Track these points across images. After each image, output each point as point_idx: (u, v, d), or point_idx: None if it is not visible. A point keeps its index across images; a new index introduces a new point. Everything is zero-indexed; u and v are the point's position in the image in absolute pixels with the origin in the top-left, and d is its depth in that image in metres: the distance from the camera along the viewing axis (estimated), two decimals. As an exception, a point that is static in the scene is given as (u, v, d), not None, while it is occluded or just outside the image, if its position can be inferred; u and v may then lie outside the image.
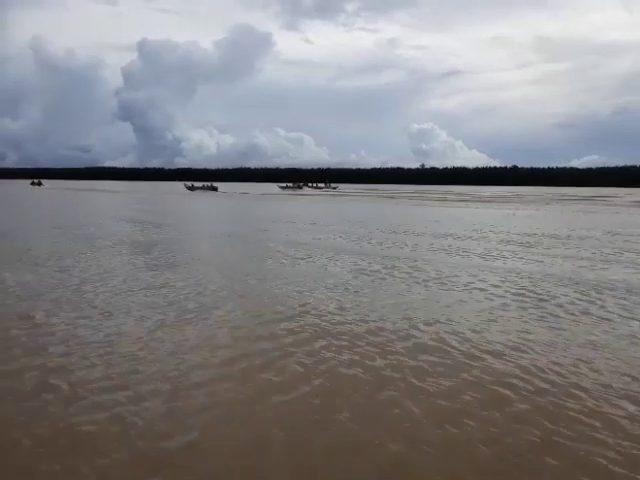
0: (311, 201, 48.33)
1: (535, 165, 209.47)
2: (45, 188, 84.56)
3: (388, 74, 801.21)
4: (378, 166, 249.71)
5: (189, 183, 79.79)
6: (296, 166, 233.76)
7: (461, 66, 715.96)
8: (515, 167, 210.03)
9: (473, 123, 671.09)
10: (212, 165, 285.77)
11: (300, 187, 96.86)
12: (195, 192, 70.19)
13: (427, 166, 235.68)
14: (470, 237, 17.01)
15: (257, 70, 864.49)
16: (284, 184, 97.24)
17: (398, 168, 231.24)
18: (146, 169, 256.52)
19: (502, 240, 16.17)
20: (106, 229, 18.27)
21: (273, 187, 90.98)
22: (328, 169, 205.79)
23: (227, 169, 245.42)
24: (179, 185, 78.48)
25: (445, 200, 51.31)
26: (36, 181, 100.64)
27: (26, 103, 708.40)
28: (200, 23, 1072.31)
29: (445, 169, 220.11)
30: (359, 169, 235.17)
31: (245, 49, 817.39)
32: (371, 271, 10.49)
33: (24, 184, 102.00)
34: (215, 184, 79.70)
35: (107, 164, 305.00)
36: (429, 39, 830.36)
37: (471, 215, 29.72)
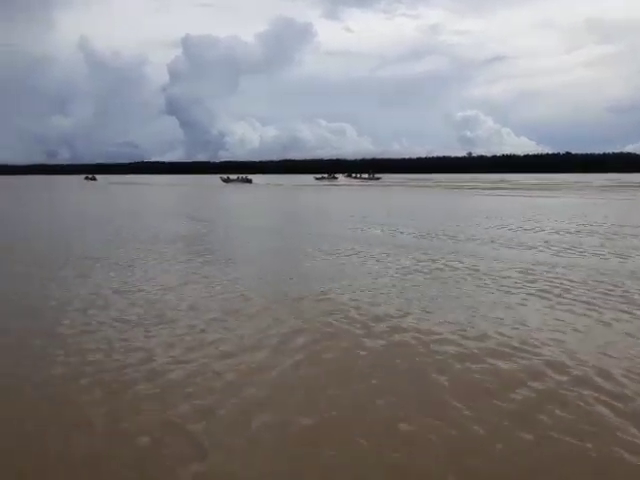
0: (354, 191, 47.07)
1: (587, 151, 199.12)
2: (99, 183, 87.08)
3: (430, 61, 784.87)
4: (422, 155, 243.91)
5: (225, 176, 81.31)
6: (339, 157, 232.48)
7: (506, 51, 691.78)
8: (568, 153, 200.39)
9: (520, 109, 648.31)
10: (255, 158, 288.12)
11: (335, 178, 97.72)
12: (230, 184, 71.54)
13: (474, 154, 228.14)
14: (595, 233, 14.40)
15: (298, 61, 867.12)
16: (320, 175, 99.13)
17: (444, 157, 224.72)
18: (193, 163, 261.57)
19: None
20: (162, 227, 17.75)
21: (309, 178, 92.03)
22: (373, 159, 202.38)
23: (271, 161, 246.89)
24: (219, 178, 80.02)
25: (504, 189, 48.63)
26: (90, 176, 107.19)
27: (76, 101, 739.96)
28: (241, 16, 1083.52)
29: (494, 157, 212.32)
30: (404, 159, 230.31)
31: (286, 40, 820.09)
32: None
33: (79, 179, 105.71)
34: (249, 176, 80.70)
35: (154, 159, 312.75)
36: (472, 24, 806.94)
37: (554, 205, 27.15)
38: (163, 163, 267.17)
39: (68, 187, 69.26)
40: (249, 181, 76.18)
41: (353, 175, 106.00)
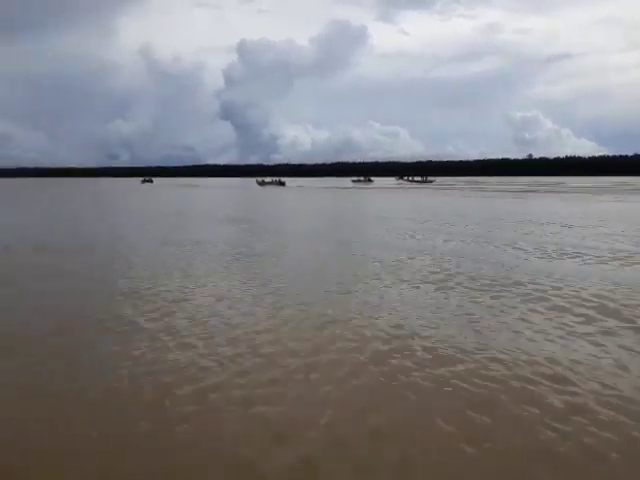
0: (411, 194, 45.89)
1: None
2: (156, 185, 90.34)
3: (487, 61, 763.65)
4: (476, 157, 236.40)
5: (260, 179, 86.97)
6: (392, 159, 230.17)
7: (567, 49, 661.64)
8: (637, 155, 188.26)
9: (581, 110, 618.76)
10: (307, 160, 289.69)
11: (370, 181, 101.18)
12: (265, 187, 76.16)
13: (535, 156, 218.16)
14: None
15: (352, 64, 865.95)
16: (356, 178, 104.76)
17: (503, 159, 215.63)
18: (246, 165, 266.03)
19: None
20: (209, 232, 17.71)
21: (347, 181, 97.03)
22: (429, 162, 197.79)
23: (324, 164, 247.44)
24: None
25: (569, 192, 45.89)
26: (147, 179, 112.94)
27: (136, 106, 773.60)
28: (296, 21, 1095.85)
29: (557, 159, 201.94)
30: (460, 161, 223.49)
31: (340, 44, 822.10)
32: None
33: (136, 182, 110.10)
34: (283, 179, 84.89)
35: (209, 162, 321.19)
36: (532, 22, 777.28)
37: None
38: (217, 166, 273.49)
39: (139, 190, 71.88)
40: (282, 184, 79.73)
41: (405, 178, 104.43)
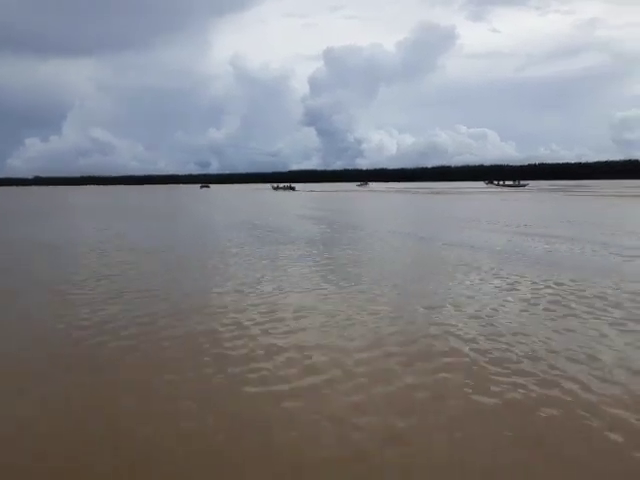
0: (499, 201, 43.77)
1: None
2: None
3: (585, 58, 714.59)
4: (572, 160, 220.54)
5: (275, 185, 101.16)
6: (478, 162, 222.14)
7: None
8: None
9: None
10: (392, 165, 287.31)
11: (367, 184, 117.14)
12: (278, 191, 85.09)
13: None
14: None
15: (439, 67, 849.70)
16: (359, 183, 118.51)
17: (608, 162, 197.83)
18: (332, 171, 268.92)
19: None
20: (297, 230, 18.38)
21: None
22: (522, 166, 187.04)
23: (404, 169, 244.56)
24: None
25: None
26: (205, 185, 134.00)
27: (227, 114, 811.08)
28: (384, 25, 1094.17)
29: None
30: (557, 164, 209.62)
31: (427, 46, 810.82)
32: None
33: (228, 188, 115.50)
34: (293, 185, 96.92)
35: (293, 167, 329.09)
36: (633, 16, 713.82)
37: None
38: (303, 171, 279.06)
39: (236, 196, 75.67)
40: (293, 189, 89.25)
41: (495, 182, 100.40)
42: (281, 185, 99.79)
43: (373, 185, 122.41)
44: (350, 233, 17.70)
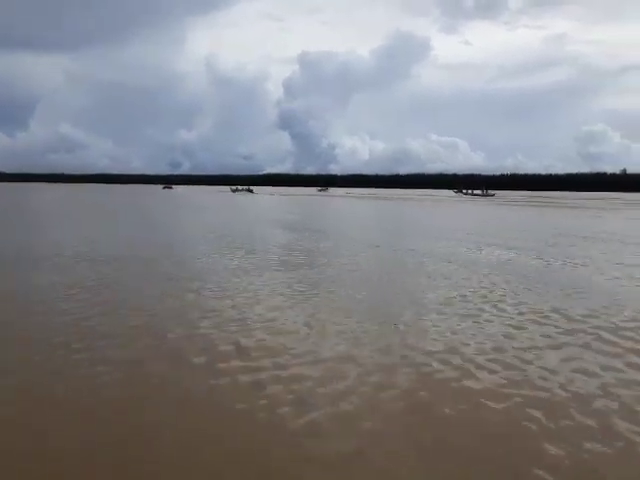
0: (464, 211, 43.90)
1: None
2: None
3: (555, 72, 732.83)
4: (540, 172, 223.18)
5: (234, 187, 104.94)
6: (449, 171, 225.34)
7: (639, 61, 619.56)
8: None
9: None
10: (365, 171, 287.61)
11: (327, 189, 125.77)
12: (237, 193, 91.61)
13: (600, 171, 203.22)
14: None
15: (412, 76, 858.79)
16: (320, 188, 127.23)
17: (577, 174, 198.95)
18: (308, 175, 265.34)
19: None
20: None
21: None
22: (493, 176, 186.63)
23: (377, 175, 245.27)
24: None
25: None
26: (168, 186, 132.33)
27: (199, 115, 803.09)
28: (359, 33, 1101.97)
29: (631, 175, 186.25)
30: (526, 174, 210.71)
31: (401, 55, 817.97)
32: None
33: (202, 189, 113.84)
34: (251, 187, 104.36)
35: (267, 171, 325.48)
36: (603, 33, 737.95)
37: None
38: (277, 175, 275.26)
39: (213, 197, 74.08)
40: (251, 191, 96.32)
41: (464, 191, 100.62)
42: (240, 187, 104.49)
43: (332, 190, 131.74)
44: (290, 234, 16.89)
